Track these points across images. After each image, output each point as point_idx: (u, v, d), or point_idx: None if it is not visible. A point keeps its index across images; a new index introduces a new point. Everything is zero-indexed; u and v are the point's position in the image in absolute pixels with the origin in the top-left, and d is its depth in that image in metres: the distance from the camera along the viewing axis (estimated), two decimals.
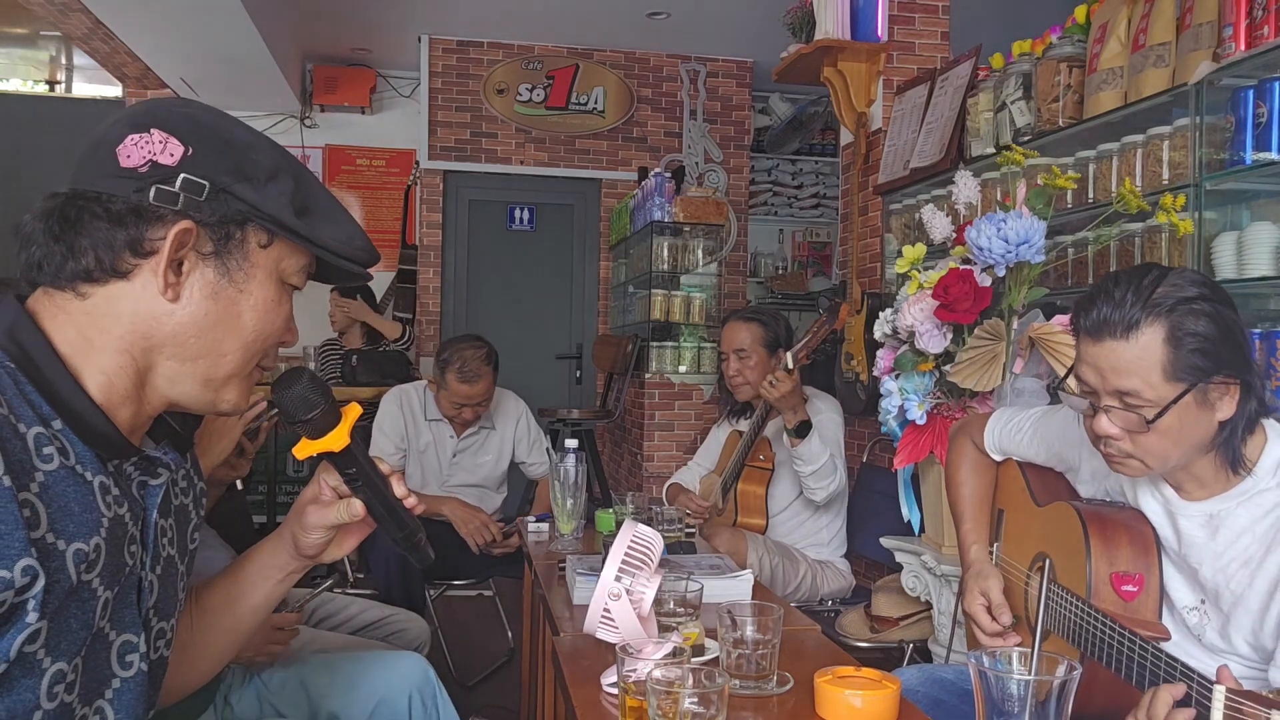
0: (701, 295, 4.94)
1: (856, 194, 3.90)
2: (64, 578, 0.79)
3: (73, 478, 0.83)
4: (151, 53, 5.09)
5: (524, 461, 3.33)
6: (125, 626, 0.90)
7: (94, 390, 0.88)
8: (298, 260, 0.98)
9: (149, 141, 0.88)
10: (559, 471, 2.21)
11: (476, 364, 3.04)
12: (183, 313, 0.91)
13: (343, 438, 1.03)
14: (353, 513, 1.08)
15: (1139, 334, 1.24)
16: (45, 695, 0.80)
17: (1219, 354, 1.24)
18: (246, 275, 0.94)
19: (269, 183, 0.93)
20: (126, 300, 0.89)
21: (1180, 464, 1.31)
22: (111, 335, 0.89)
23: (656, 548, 1.50)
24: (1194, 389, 1.24)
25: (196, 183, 0.89)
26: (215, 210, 0.90)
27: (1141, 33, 2.45)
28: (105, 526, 0.84)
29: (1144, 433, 1.26)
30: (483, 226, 6.12)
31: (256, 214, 0.92)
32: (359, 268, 1.01)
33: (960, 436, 1.81)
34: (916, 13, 3.84)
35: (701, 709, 1.04)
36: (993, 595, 1.54)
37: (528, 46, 6.00)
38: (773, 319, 2.95)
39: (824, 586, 2.85)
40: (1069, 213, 2.65)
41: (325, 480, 1.09)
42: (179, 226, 0.88)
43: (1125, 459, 1.31)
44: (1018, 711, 1.03)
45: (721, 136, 6.26)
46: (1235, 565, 1.29)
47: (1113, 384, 1.27)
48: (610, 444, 5.52)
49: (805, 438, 2.64)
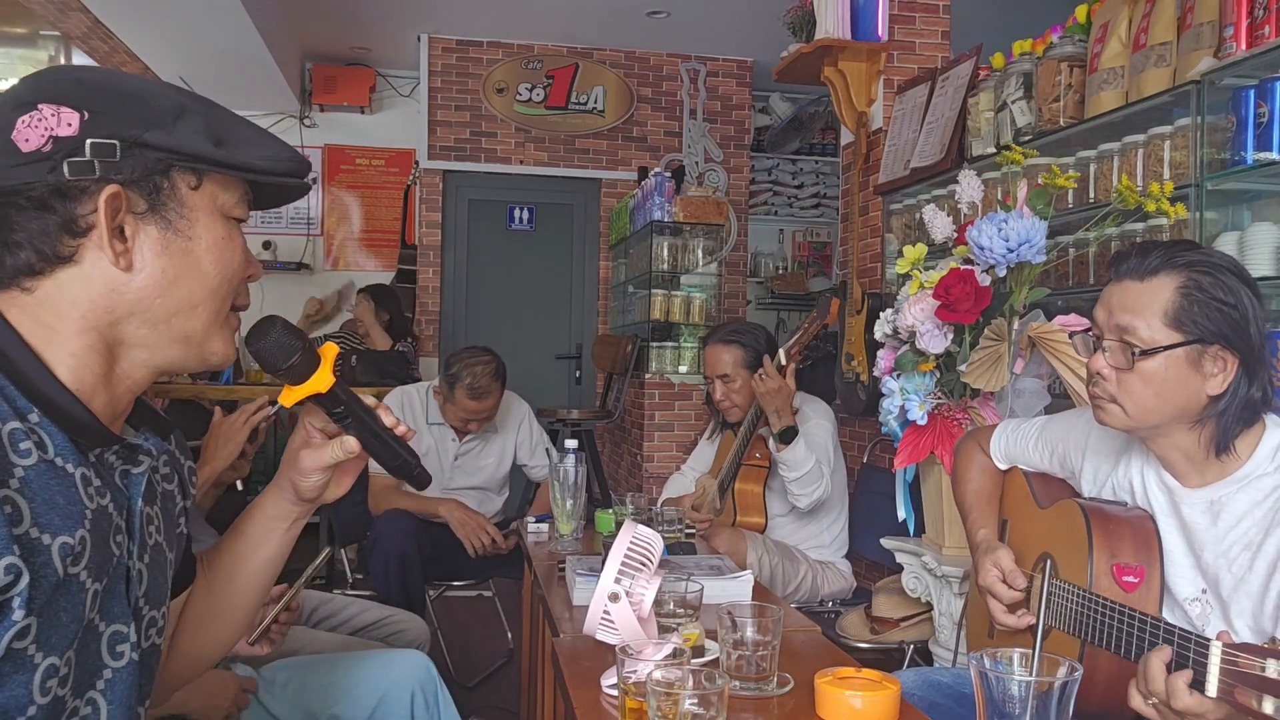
0: (701, 295, 4.94)
1: (857, 194, 3.89)
2: (50, 572, 0.79)
3: (53, 471, 0.82)
4: (151, 52, 5.09)
5: (526, 464, 3.33)
6: (115, 617, 0.89)
7: (65, 376, 0.86)
8: (233, 192, 0.95)
9: (41, 118, 0.84)
10: (558, 472, 2.21)
11: (486, 380, 3.03)
12: (141, 277, 0.89)
13: (327, 377, 1.03)
14: (347, 449, 1.07)
15: (1155, 278, 1.31)
16: (38, 690, 0.79)
17: (1225, 323, 1.27)
18: (190, 221, 0.91)
19: (177, 122, 0.89)
20: (78, 282, 0.87)
21: (1160, 424, 1.33)
22: (72, 318, 0.87)
23: (656, 549, 1.50)
24: (1190, 345, 1.28)
25: (106, 144, 0.85)
26: (135, 166, 0.87)
27: (1142, 32, 2.45)
28: (89, 519, 0.83)
29: (1129, 370, 1.31)
30: (482, 226, 6.12)
31: (177, 157, 0.89)
32: (295, 180, 0.98)
33: (968, 443, 1.83)
34: (917, 12, 3.84)
35: (701, 710, 1.04)
36: (1004, 563, 1.53)
37: (527, 46, 6.00)
38: (751, 336, 2.88)
39: (825, 587, 2.85)
40: (1070, 213, 2.65)
41: (311, 424, 1.09)
42: (105, 193, 0.85)
43: (1108, 403, 1.35)
44: (1019, 713, 1.03)
45: (721, 136, 6.25)
46: (1237, 549, 1.31)
47: (1116, 319, 1.33)
48: (610, 444, 5.51)
49: (790, 444, 2.63)
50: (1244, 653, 1.01)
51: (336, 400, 1.05)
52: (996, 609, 1.54)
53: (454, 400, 3.05)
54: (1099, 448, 1.54)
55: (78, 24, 4.78)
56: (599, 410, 5.10)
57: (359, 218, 6.43)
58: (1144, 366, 1.30)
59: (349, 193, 6.40)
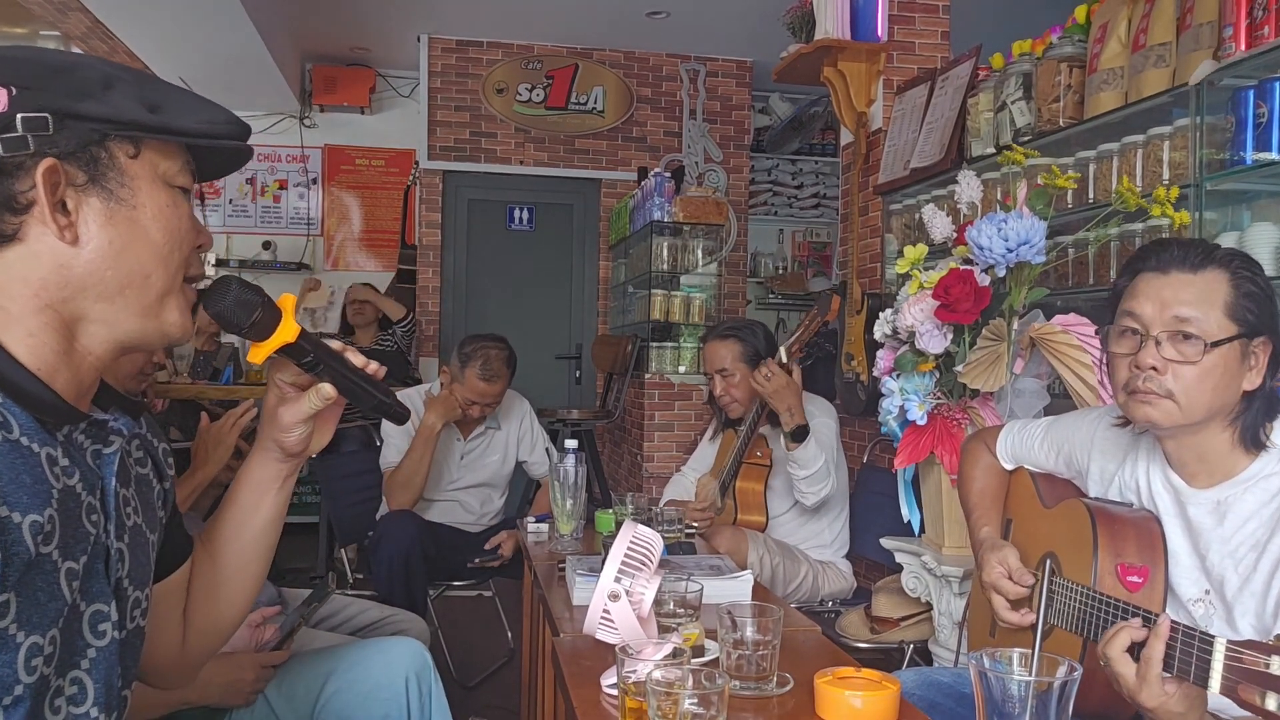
0: (701, 295, 4.93)
1: (856, 194, 3.89)
2: (23, 550, 0.79)
3: (17, 450, 0.82)
4: (150, 52, 5.09)
5: (527, 460, 3.33)
6: (94, 597, 0.90)
7: (24, 356, 0.86)
8: (173, 160, 0.94)
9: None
10: (558, 472, 2.21)
11: (498, 364, 3.05)
12: (88, 250, 0.88)
13: (292, 326, 1.04)
14: (325, 396, 1.07)
15: (1206, 271, 1.31)
16: (23, 669, 0.79)
17: (1267, 315, 1.30)
18: (132, 190, 0.90)
19: (108, 91, 0.89)
20: (25, 260, 0.87)
21: (1204, 419, 1.32)
22: (24, 298, 0.87)
23: (656, 548, 1.50)
24: (1243, 338, 1.29)
25: (37, 118, 0.84)
26: (70, 138, 0.86)
27: (1142, 33, 2.45)
28: (56, 498, 0.83)
29: (1190, 364, 1.29)
30: (482, 226, 6.12)
31: (111, 125, 0.88)
32: (234, 143, 0.98)
33: (974, 444, 1.83)
34: (916, 12, 3.84)
35: (701, 710, 1.04)
36: (1010, 561, 1.54)
37: (527, 46, 6.00)
38: (750, 332, 2.91)
39: (825, 587, 2.85)
40: (1069, 213, 2.65)
41: (281, 380, 1.09)
42: (42, 167, 0.85)
43: (1159, 398, 1.31)
44: (1018, 712, 1.03)
45: (721, 136, 6.26)
46: (1243, 549, 1.31)
47: (1173, 311, 1.31)
48: (610, 444, 5.51)
49: (802, 443, 2.63)
50: (1248, 649, 1.01)
51: (304, 350, 1.05)
52: (1000, 605, 1.54)
53: (463, 380, 3.05)
54: (1105, 447, 1.54)
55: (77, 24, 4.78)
56: (599, 410, 5.10)
57: (359, 218, 6.43)
58: (1207, 359, 1.29)
59: (349, 193, 6.40)
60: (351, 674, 1.68)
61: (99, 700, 0.90)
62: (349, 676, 1.68)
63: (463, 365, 3.06)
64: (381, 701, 1.66)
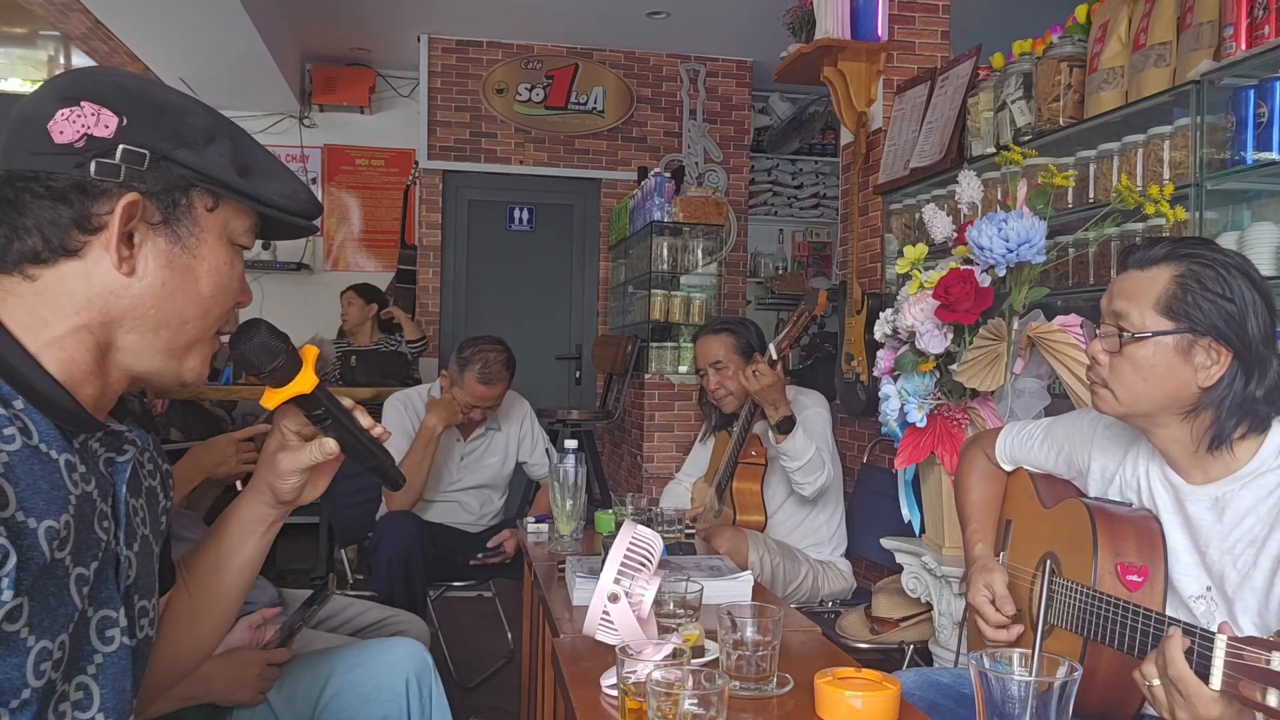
0: (701, 296, 4.93)
1: (856, 194, 3.89)
2: (38, 554, 0.79)
3: (37, 456, 0.82)
4: (151, 53, 5.09)
5: (527, 461, 3.33)
6: (103, 603, 0.90)
7: (54, 368, 0.87)
8: (244, 220, 0.97)
9: (81, 115, 0.87)
10: (558, 472, 2.21)
11: (498, 367, 3.05)
12: (140, 285, 0.90)
13: (310, 378, 1.04)
14: (326, 451, 1.08)
15: (1155, 268, 1.34)
16: (32, 673, 0.80)
17: (1219, 316, 1.29)
18: (198, 240, 0.93)
19: (208, 145, 0.92)
20: (79, 278, 0.88)
21: (1150, 412, 1.36)
22: (66, 312, 0.88)
23: (656, 549, 1.50)
24: (1180, 334, 1.31)
25: (137, 153, 0.88)
26: (159, 179, 0.89)
27: (1142, 32, 2.45)
28: (73, 504, 0.84)
29: (1118, 354, 1.34)
30: (482, 227, 6.12)
31: (200, 178, 0.91)
32: (304, 221, 1.01)
33: (971, 449, 1.84)
34: (916, 12, 3.84)
35: (701, 710, 1.04)
36: (996, 588, 1.56)
37: (527, 46, 6.00)
38: (742, 326, 2.98)
39: (825, 587, 2.85)
40: (1069, 213, 2.65)
41: (286, 427, 1.09)
42: (125, 199, 0.87)
43: (1100, 387, 1.39)
44: (1018, 713, 1.03)
45: (721, 136, 6.25)
46: (1242, 546, 1.31)
47: (1113, 305, 1.37)
48: (610, 445, 5.51)
49: (789, 434, 2.65)
50: (1249, 645, 1.01)
51: (318, 403, 1.06)
52: (983, 626, 1.57)
53: (463, 383, 3.05)
54: (1106, 445, 1.54)
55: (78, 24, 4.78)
56: (599, 411, 5.10)
57: (359, 218, 6.43)
58: (1133, 352, 1.33)
59: (349, 193, 6.40)
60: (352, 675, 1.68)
61: (105, 706, 0.90)
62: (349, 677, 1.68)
63: (462, 369, 3.06)
64: (382, 702, 1.66)
